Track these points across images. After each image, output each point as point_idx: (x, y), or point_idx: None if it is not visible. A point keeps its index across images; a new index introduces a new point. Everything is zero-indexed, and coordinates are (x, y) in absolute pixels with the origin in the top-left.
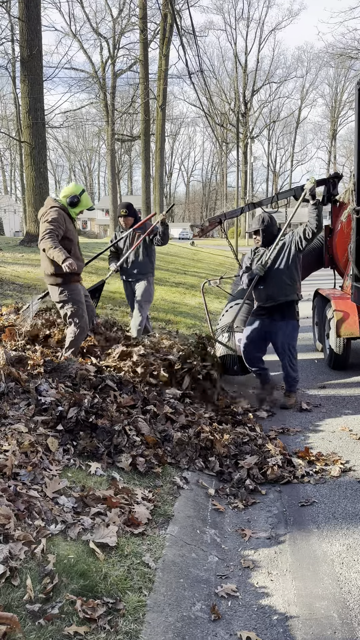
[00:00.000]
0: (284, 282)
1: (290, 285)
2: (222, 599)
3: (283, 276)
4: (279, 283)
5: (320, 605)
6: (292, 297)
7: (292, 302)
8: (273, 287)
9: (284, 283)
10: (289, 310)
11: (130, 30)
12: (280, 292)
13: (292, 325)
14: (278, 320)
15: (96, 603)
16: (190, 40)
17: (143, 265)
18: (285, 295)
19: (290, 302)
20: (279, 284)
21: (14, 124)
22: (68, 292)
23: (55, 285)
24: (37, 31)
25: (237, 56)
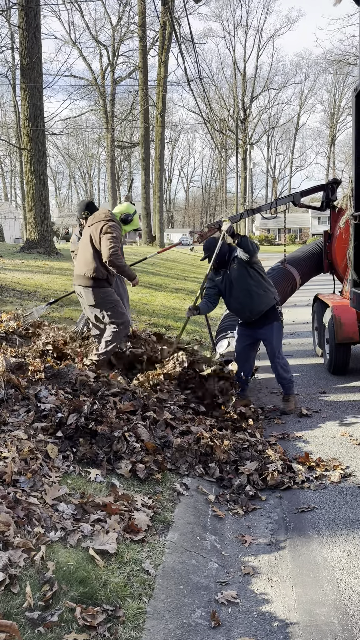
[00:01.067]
0: (257, 294)
1: (264, 294)
2: (222, 606)
3: (253, 289)
4: (253, 297)
5: (321, 611)
6: (271, 303)
7: (272, 307)
8: (248, 304)
9: (256, 295)
10: (272, 315)
11: (129, 37)
12: (258, 304)
13: (276, 327)
14: (263, 325)
15: (96, 610)
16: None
17: None
18: (265, 305)
19: (271, 308)
20: (252, 299)
21: (14, 131)
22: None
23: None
24: (36, 39)
25: (235, 63)
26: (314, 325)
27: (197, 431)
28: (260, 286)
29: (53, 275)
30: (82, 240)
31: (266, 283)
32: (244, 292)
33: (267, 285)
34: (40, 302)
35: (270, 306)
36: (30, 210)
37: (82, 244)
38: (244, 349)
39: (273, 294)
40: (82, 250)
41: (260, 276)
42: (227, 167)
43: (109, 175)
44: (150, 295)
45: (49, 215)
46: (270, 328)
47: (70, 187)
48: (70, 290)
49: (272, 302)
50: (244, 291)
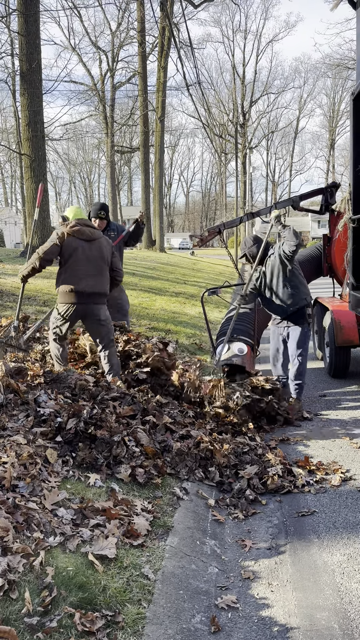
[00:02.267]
0: (288, 292)
1: (295, 294)
2: (222, 611)
3: (285, 287)
4: (284, 294)
5: (321, 616)
6: (301, 303)
7: (301, 308)
8: (280, 301)
9: (288, 293)
10: (299, 317)
11: (128, 43)
12: (288, 302)
13: (302, 331)
14: (290, 326)
15: (95, 616)
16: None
17: None
18: (294, 304)
19: (300, 309)
20: (285, 296)
21: (14, 137)
22: None
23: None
24: (36, 45)
25: (235, 68)
26: (314, 328)
27: (196, 435)
28: (294, 284)
29: (53, 280)
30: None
31: (300, 283)
32: (277, 287)
33: (300, 286)
34: (40, 306)
35: (300, 306)
36: (31, 215)
37: (95, 257)
38: (277, 349)
39: (306, 295)
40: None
41: (295, 275)
42: (227, 171)
43: (109, 180)
44: (150, 299)
45: (49, 220)
46: (296, 329)
47: (70, 192)
48: None
49: (300, 303)
50: (276, 287)
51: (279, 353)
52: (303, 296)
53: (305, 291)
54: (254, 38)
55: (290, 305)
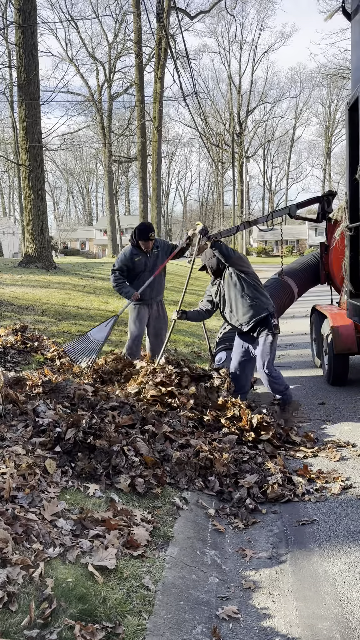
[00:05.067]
0: (248, 305)
1: (255, 305)
2: (223, 621)
3: (244, 300)
4: (244, 307)
5: (323, 626)
6: (262, 313)
7: (264, 318)
8: (240, 313)
9: (247, 306)
10: (263, 326)
11: (125, 54)
12: (248, 315)
13: (264, 340)
14: (254, 336)
15: (95, 628)
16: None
17: (161, 287)
18: (255, 315)
19: (263, 319)
20: (244, 308)
21: (12, 147)
22: None
23: None
24: (33, 57)
25: (231, 78)
26: (312, 336)
27: (196, 444)
28: (250, 296)
29: (51, 290)
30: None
31: (258, 293)
32: (234, 300)
33: (258, 295)
34: (38, 316)
35: (261, 316)
36: (29, 225)
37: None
38: (239, 360)
39: (265, 305)
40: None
41: (252, 286)
42: (224, 180)
43: (107, 190)
44: None
45: (47, 230)
46: (259, 340)
47: (68, 202)
48: (71, 304)
49: (262, 312)
50: (233, 300)
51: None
52: (264, 306)
53: (265, 300)
54: (250, 48)
55: (252, 317)
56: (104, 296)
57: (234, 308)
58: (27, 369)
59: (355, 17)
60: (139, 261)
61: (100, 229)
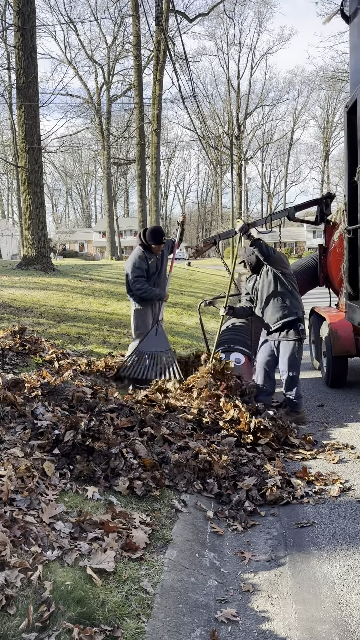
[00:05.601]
0: (279, 305)
1: (285, 306)
2: (221, 624)
3: (276, 299)
4: (274, 307)
5: (322, 629)
6: (290, 317)
7: (292, 321)
8: (270, 312)
9: (278, 306)
10: (289, 330)
11: (124, 56)
12: (277, 315)
13: (293, 345)
14: (280, 340)
15: (93, 631)
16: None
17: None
18: (283, 317)
19: (291, 322)
20: (275, 307)
21: (11, 150)
22: None
23: None
24: (32, 59)
25: (229, 80)
26: (311, 338)
27: (195, 446)
28: (283, 297)
29: (50, 292)
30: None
31: (291, 296)
32: (265, 298)
33: (291, 298)
34: (36, 318)
35: (289, 319)
36: (27, 227)
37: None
38: (265, 361)
39: (296, 309)
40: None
41: (286, 288)
42: (223, 182)
43: (106, 192)
44: None
45: (45, 232)
46: (287, 344)
47: (67, 204)
48: (70, 306)
49: (291, 316)
50: (265, 298)
51: (265, 364)
52: (294, 310)
53: (297, 304)
54: (249, 51)
55: (281, 318)
56: (102, 298)
57: (265, 306)
58: (26, 371)
59: (353, 20)
60: (152, 264)
61: (99, 231)
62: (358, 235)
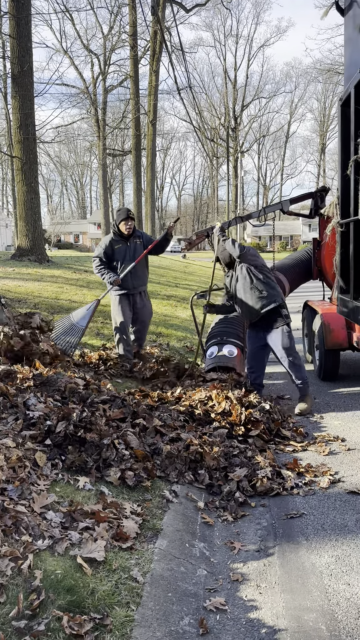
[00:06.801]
0: (257, 297)
1: (264, 297)
2: (210, 613)
3: (253, 292)
4: (252, 300)
5: (309, 617)
6: (270, 305)
7: (274, 309)
8: (250, 305)
9: (256, 298)
10: (274, 318)
11: (120, 47)
12: (257, 306)
13: (281, 331)
14: (268, 330)
15: (83, 619)
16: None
17: (144, 277)
18: (263, 307)
19: (273, 310)
20: (253, 300)
21: (6, 139)
22: None
23: None
24: (27, 48)
25: (226, 72)
26: (304, 331)
27: (186, 438)
28: (259, 288)
29: (44, 283)
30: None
31: (266, 286)
32: (243, 292)
33: (267, 288)
34: (31, 309)
35: (270, 308)
36: (22, 217)
37: None
38: (256, 352)
39: (274, 297)
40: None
41: (260, 279)
42: (219, 175)
43: (101, 183)
44: None
45: (40, 223)
46: (276, 332)
47: (62, 195)
48: (64, 297)
49: (270, 304)
50: (242, 292)
51: (255, 351)
52: (272, 298)
53: (273, 293)
54: (246, 42)
55: (261, 308)
56: (96, 290)
57: (244, 300)
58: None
59: (348, 12)
60: (119, 249)
61: (94, 223)
62: (350, 229)
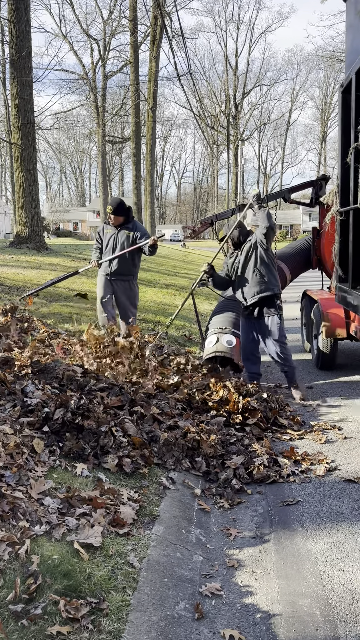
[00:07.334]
0: (256, 280)
1: (263, 282)
2: (206, 598)
3: (254, 275)
4: (252, 282)
5: (303, 603)
6: (267, 292)
7: (269, 297)
8: (247, 287)
9: (256, 281)
10: (268, 306)
11: (120, 32)
12: (254, 290)
13: (272, 321)
14: (260, 317)
15: (79, 603)
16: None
17: (128, 267)
18: (261, 292)
19: (268, 297)
20: (253, 282)
21: (4, 126)
22: None
23: None
24: (26, 32)
25: (227, 58)
26: (303, 320)
27: (184, 425)
28: (261, 272)
29: (42, 271)
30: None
31: (269, 272)
32: (244, 274)
33: (269, 275)
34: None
35: (265, 294)
36: (20, 205)
37: None
38: (250, 341)
39: (272, 285)
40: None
41: (265, 264)
42: (219, 163)
43: (100, 171)
44: (140, 291)
45: (39, 210)
46: (266, 320)
47: (61, 182)
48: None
49: (267, 292)
50: (244, 273)
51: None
52: (271, 286)
53: (273, 281)
54: (247, 29)
55: (257, 292)
56: (95, 278)
57: (243, 281)
58: None
59: None
60: (107, 235)
61: (93, 211)
62: (349, 218)
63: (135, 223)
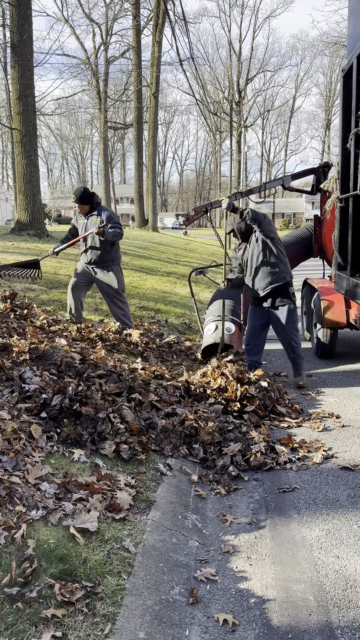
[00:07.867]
0: (267, 271)
1: (274, 272)
2: (201, 583)
3: (264, 266)
4: (263, 273)
5: (297, 588)
6: (279, 282)
7: (282, 286)
8: (258, 278)
9: (267, 272)
10: (282, 295)
11: (123, 16)
12: (266, 280)
13: (287, 309)
14: (273, 306)
15: (75, 587)
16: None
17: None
18: (272, 282)
19: (281, 287)
20: (263, 274)
21: (5, 111)
22: None
23: None
24: (27, 16)
25: (231, 44)
26: (303, 309)
27: (182, 413)
28: (272, 262)
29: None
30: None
31: (279, 261)
32: (255, 265)
33: (279, 263)
34: (28, 284)
35: (277, 284)
36: (21, 191)
37: None
38: (256, 328)
39: (284, 274)
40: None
41: (274, 253)
42: (222, 150)
43: (102, 157)
44: (140, 279)
45: (39, 197)
46: (281, 309)
47: (62, 169)
48: (62, 272)
49: (279, 281)
50: (255, 264)
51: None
52: (283, 275)
53: (285, 270)
54: (251, 13)
55: (270, 283)
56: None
57: (255, 273)
58: None
59: None
60: (80, 224)
61: None
62: (349, 204)
63: (100, 208)
